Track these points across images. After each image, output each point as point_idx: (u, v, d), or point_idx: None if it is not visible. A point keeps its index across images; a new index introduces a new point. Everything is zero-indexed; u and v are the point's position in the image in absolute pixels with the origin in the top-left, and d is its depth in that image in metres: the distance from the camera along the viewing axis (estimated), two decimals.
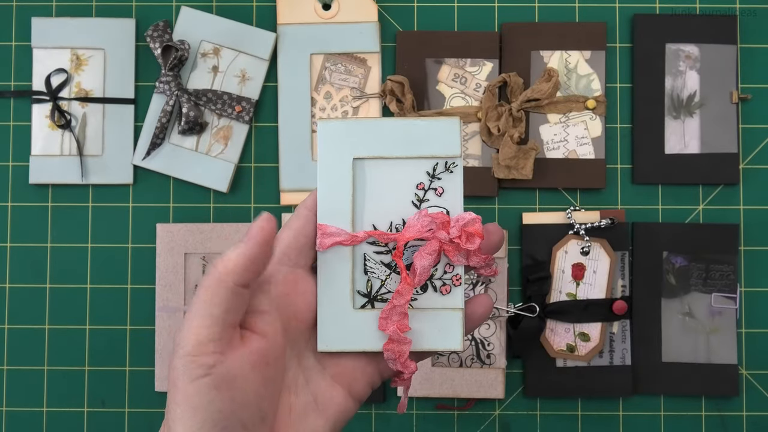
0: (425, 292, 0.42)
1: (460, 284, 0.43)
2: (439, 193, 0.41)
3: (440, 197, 0.41)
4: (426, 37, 0.72)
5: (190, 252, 0.71)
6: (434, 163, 0.41)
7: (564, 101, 0.72)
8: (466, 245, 0.42)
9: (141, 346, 0.71)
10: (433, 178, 0.41)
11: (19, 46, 0.73)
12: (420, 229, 0.40)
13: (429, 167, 0.41)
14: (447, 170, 0.41)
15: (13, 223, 0.72)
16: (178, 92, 0.70)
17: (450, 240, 0.41)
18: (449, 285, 0.43)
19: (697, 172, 0.72)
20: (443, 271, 0.42)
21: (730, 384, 0.70)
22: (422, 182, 0.41)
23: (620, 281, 0.71)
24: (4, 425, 0.71)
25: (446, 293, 0.42)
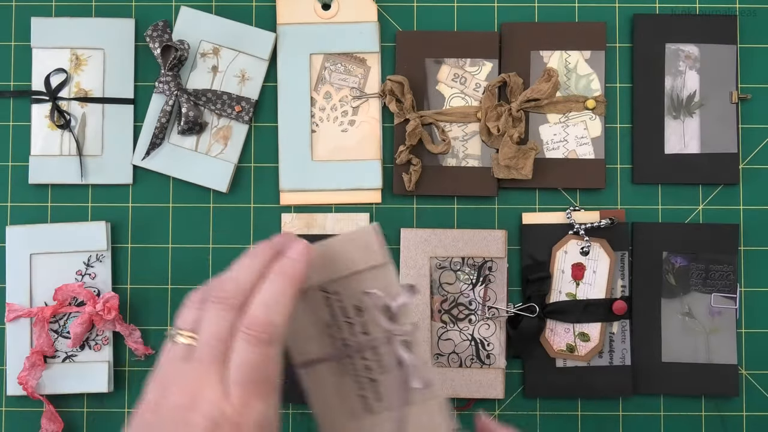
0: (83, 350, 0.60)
1: (108, 343, 0.65)
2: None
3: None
4: (426, 37, 0.72)
5: None
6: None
7: (564, 101, 0.72)
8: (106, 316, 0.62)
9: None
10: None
11: (19, 46, 0.73)
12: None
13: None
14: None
15: (12, 223, 0.72)
16: (178, 92, 0.70)
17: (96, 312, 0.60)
18: (100, 344, 0.63)
19: (697, 172, 0.72)
20: (95, 334, 0.60)
21: (730, 384, 0.70)
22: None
23: (620, 281, 0.71)
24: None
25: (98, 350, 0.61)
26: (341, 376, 0.42)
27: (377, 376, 0.42)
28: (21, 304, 0.70)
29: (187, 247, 0.72)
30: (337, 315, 0.42)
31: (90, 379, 0.70)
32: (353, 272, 0.42)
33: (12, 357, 0.70)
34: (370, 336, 0.42)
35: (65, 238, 0.70)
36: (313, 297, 0.42)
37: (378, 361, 0.42)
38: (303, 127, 0.72)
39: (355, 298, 0.42)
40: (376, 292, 0.41)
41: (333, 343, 0.42)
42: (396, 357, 0.41)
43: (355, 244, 0.42)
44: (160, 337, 0.72)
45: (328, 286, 0.42)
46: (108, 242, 0.71)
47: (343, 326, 0.42)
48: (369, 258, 0.42)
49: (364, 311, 0.42)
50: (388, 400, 0.42)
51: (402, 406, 0.41)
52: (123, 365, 0.71)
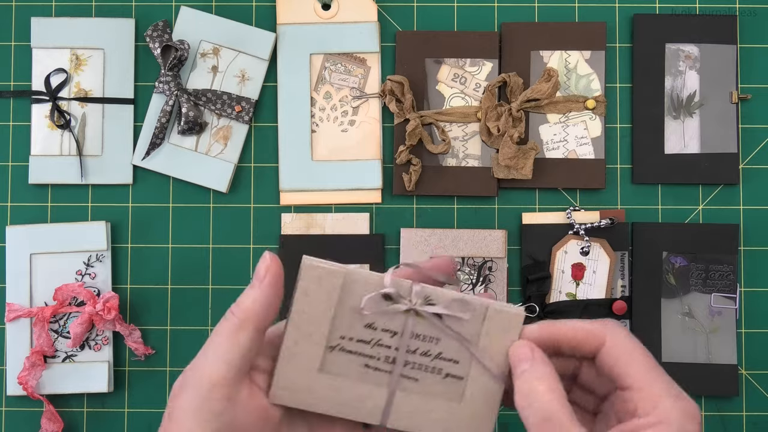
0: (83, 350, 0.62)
1: (107, 343, 0.67)
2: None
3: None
4: (426, 37, 0.72)
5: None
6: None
7: (564, 101, 0.72)
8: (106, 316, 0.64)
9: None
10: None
11: (19, 46, 0.73)
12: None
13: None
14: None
15: (12, 223, 0.72)
16: (178, 92, 0.70)
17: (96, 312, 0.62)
18: (100, 344, 0.64)
19: (697, 172, 0.72)
20: (95, 334, 0.62)
21: (730, 384, 0.70)
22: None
23: (620, 281, 0.71)
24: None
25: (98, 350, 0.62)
26: (416, 384, 0.41)
27: (441, 359, 0.40)
28: (21, 304, 0.70)
29: (187, 247, 0.72)
30: (361, 350, 0.41)
31: (90, 379, 0.70)
32: (338, 305, 0.41)
33: (12, 357, 0.70)
34: (399, 336, 0.41)
35: (65, 238, 0.70)
36: (331, 359, 0.41)
37: (426, 342, 0.41)
38: (303, 127, 0.72)
39: (359, 323, 0.40)
40: (368, 296, 0.40)
41: (380, 372, 0.41)
42: (431, 318, 0.40)
43: (315, 286, 0.41)
44: (161, 337, 0.72)
45: (332, 337, 0.41)
46: (108, 242, 0.71)
47: (373, 351, 0.41)
48: (331, 285, 0.40)
49: (374, 323, 0.41)
50: (463, 367, 0.40)
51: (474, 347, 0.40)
52: (123, 365, 0.71)
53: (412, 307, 0.39)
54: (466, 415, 0.40)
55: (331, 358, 0.40)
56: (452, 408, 0.40)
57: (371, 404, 0.40)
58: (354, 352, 0.40)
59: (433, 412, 0.40)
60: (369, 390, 0.40)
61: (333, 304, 0.39)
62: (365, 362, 0.40)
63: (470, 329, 0.40)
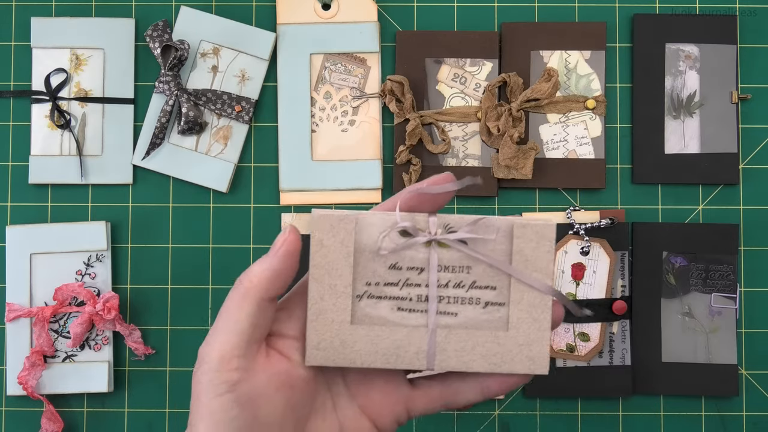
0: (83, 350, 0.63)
1: (108, 343, 0.68)
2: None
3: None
4: (426, 37, 0.72)
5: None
6: None
7: (564, 101, 0.72)
8: (106, 316, 0.65)
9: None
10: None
11: (19, 46, 0.73)
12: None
13: None
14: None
15: (12, 223, 0.72)
16: (178, 92, 0.70)
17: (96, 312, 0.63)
18: (100, 344, 0.65)
19: (697, 172, 0.72)
20: (95, 334, 0.64)
21: (730, 384, 0.70)
22: None
23: (620, 281, 0.71)
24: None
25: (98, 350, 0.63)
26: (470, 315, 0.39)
27: (480, 289, 0.39)
28: (21, 304, 0.70)
29: (187, 247, 0.72)
30: (389, 293, 0.39)
31: (90, 379, 0.70)
32: (362, 251, 0.40)
33: (12, 357, 0.70)
34: (428, 269, 0.39)
35: (65, 237, 0.70)
36: (362, 306, 0.40)
37: (461, 273, 0.39)
38: (303, 127, 0.72)
39: (381, 265, 0.39)
40: (380, 236, 0.38)
41: (416, 311, 0.39)
42: (455, 244, 0.38)
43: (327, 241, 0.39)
44: (161, 336, 0.72)
45: (359, 284, 0.39)
46: (108, 242, 0.71)
47: (404, 292, 0.38)
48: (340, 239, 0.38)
49: (400, 262, 0.39)
50: (501, 290, 0.38)
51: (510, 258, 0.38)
52: (123, 365, 0.71)
53: (432, 238, 0.38)
54: (516, 341, 0.38)
55: (361, 308, 0.38)
56: (500, 337, 0.38)
57: (413, 349, 0.38)
58: (384, 297, 0.38)
59: (480, 345, 0.38)
60: (407, 334, 0.38)
61: (350, 251, 0.38)
62: (397, 305, 0.38)
63: (500, 250, 0.38)
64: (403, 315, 0.38)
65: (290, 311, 0.39)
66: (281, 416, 0.37)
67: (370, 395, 0.40)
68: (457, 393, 0.40)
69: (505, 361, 0.38)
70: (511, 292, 0.38)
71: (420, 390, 0.41)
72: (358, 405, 0.40)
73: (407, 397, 0.40)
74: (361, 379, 0.40)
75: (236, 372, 0.35)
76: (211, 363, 0.35)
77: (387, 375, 0.40)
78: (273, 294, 0.37)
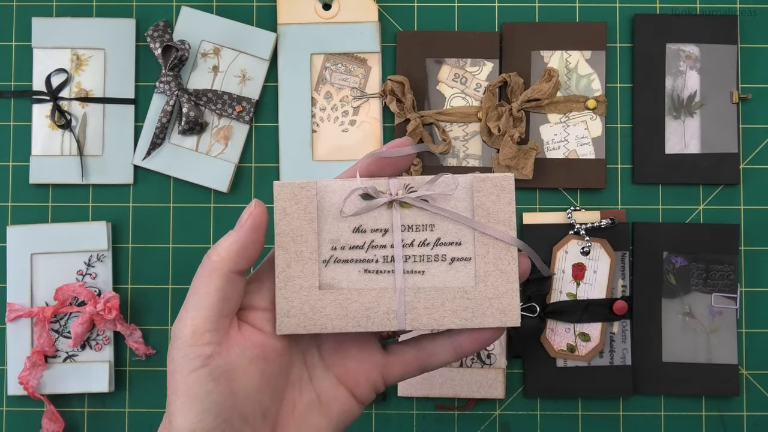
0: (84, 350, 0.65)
1: (108, 343, 0.68)
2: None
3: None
4: (426, 37, 0.72)
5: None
6: None
7: (564, 101, 0.72)
8: (107, 316, 0.65)
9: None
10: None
11: (19, 46, 0.73)
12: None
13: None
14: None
15: (13, 223, 0.72)
16: (179, 92, 0.70)
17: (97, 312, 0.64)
18: (101, 344, 0.66)
19: (698, 172, 0.72)
20: (96, 334, 0.62)
21: (731, 384, 0.70)
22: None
23: (620, 281, 0.71)
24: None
25: (99, 350, 0.64)
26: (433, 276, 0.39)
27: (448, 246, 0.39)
28: (22, 304, 0.70)
29: (187, 247, 0.72)
30: (353, 256, 0.39)
31: (91, 379, 0.70)
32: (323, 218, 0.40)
33: (13, 357, 0.70)
34: (390, 230, 0.39)
35: (66, 238, 0.70)
36: (329, 274, 0.40)
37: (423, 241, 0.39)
38: (304, 127, 0.72)
39: (345, 228, 0.39)
40: (343, 199, 0.39)
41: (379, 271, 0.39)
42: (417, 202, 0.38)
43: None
44: (161, 336, 0.72)
45: (325, 245, 0.39)
46: (109, 242, 0.71)
47: (369, 255, 0.39)
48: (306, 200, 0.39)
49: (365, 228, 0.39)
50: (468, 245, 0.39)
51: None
52: (124, 365, 0.71)
53: (393, 198, 0.38)
54: (485, 295, 0.39)
55: (328, 273, 0.39)
56: (468, 292, 0.39)
57: (383, 310, 0.39)
58: (350, 261, 0.39)
59: (449, 301, 0.39)
60: (376, 295, 0.39)
61: (314, 217, 0.38)
62: (364, 267, 0.39)
63: (462, 206, 0.39)
64: (370, 277, 0.39)
65: (260, 283, 0.39)
66: (257, 388, 0.37)
67: (345, 364, 0.40)
68: (430, 355, 0.41)
69: (476, 315, 0.39)
70: (476, 246, 0.39)
71: (394, 356, 0.41)
72: (335, 375, 0.40)
73: (382, 363, 0.41)
74: (336, 348, 0.41)
75: (209, 346, 0.36)
76: (184, 338, 0.36)
77: (361, 343, 0.41)
78: (241, 267, 0.37)
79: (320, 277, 0.39)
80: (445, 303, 0.39)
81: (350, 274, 0.39)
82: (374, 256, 0.39)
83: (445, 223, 0.39)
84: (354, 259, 0.39)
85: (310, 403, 0.40)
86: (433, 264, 0.39)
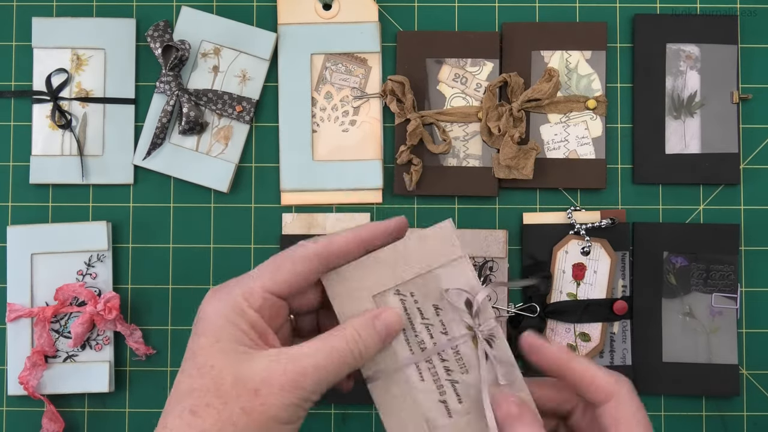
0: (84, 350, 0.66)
1: (109, 343, 0.69)
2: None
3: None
4: (426, 37, 0.72)
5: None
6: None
7: (564, 101, 0.72)
8: (107, 316, 0.66)
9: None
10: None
11: (20, 46, 0.73)
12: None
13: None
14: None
15: (13, 223, 0.72)
16: (179, 92, 0.70)
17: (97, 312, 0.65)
18: (101, 344, 0.68)
19: (698, 172, 0.72)
20: (96, 334, 0.66)
21: (731, 384, 0.70)
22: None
23: (621, 281, 0.71)
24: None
25: (99, 350, 0.67)
26: (419, 382, 0.41)
27: (459, 377, 0.41)
28: (22, 304, 0.70)
29: (187, 247, 0.72)
30: (413, 317, 0.41)
31: (91, 379, 0.70)
32: (430, 270, 0.41)
33: (13, 357, 0.70)
34: (450, 335, 0.41)
35: (66, 238, 0.70)
36: (386, 301, 0.41)
37: (459, 361, 0.41)
38: (304, 127, 0.72)
39: (433, 297, 0.41)
40: (458, 289, 0.41)
41: (410, 348, 0.42)
42: (481, 353, 0.41)
43: (431, 241, 0.42)
44: (162, 336, 0.72)
45: (403, 287, 0.41)
46: (109, 242, 0.71)
47: (420, 328, 0.41)
48: (447, 253, 0.42)
49: (443, 310, 0.41)
50: (471, 401, 0.41)
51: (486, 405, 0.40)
52: (124, 365, 0.71)
53: (475, 330, 0.41)
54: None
55: (388, 298, 0.41)
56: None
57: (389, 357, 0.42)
58: (406, 309, 0.42)
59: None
60: (393, 346, 0.42)
61: (431, 265, 0.42)
62: (407, 325, 0.42)
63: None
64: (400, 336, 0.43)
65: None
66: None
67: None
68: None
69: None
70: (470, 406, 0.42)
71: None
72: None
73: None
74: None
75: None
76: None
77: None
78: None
79: (382, 294, 0.42)
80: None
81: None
82: (420, 332, 0.42)
83: (474, 372, 0.42)
84: (409, 313, 0.42)
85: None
86: (435, 382, 0.42)
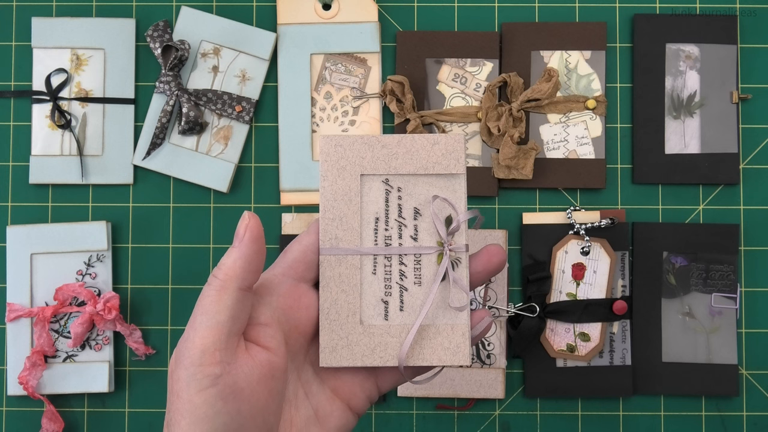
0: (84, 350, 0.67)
1: (108, 343, 0.69)
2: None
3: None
4: (426, 37, 0.72)
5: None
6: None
7: (564, 101, 0.72)
8: (107, 316, 0.67)
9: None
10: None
11: (19, 46, 0.73)
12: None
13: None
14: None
15: (13, 223, 0.72)
16: (178, 92, 0.70)
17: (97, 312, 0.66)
18: (101, 344, 0.68)
19: (698, 172, 0.72)
20: (96, 334, 0.65)
21: (730, 384, 0.70)
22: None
23: (620, 281, 0.71)
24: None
25: (99, 350, 0.67)
26: (370, 274, 0.41)
27: (410, 285, 0.41)
28: (21, 303, 0.70)
29: (187, 247, 0.72)
30: (390, 211, 0.41)
31: (90, 379, 0.70)
32: (427, 173, 0.41)
33: (12, 357, 0.70)
34: (419, 243, 0.41)
35: (66, 237, 0.70)
36: (371, 186, 0.41)
37: (418, 271, 0.41)
38: (303, 127, 0.72)
39: (417, 200, 0.41)
40: (445, 199, 0.41)
41: (375, 239, 0.41)
42: (440, 271, 0.40)
43: (438, 148, 0.41)
44: (161, 336, 0.72)
45: (394, 179, 0.41)
46: (108, 242, 0.71)
47: (392, 224, 0.41)
48: (449, 165, 0.41)
49: (422, 216, 0.41)
50: (411, 313, 0.40)
51: (424, 321, 0.40)
52: (123, 365, 0.71)
53: (445, 247, 0.41)
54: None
55: (373, 183, 0.41)
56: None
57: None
58: (387, 201, 0.41)
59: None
60: (361, 230, 0.41)
61: (428, 169, 0.42)
62: (381, 217, 0.42)
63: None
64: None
65: (259, 297, 0.39)
66: (263, 407, 0.37)
67: (339, 376, 0.41)
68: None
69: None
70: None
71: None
72: (330, 389, 0.40)
73: (375, 373, 0.41)
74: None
75: (218, 366, 0.35)
76: (192, 358, 0.35)
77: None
78: (249, 282, 0.37)
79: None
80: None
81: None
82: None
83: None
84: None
85: (307, 419, 0.39)
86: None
